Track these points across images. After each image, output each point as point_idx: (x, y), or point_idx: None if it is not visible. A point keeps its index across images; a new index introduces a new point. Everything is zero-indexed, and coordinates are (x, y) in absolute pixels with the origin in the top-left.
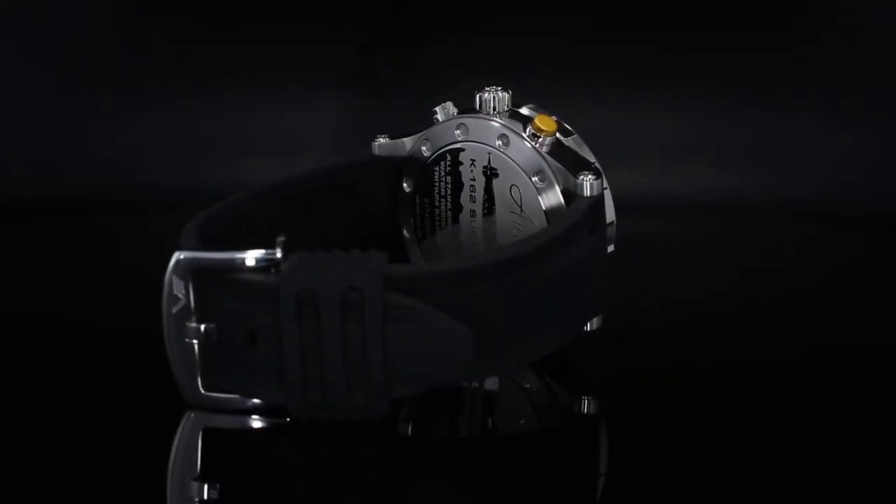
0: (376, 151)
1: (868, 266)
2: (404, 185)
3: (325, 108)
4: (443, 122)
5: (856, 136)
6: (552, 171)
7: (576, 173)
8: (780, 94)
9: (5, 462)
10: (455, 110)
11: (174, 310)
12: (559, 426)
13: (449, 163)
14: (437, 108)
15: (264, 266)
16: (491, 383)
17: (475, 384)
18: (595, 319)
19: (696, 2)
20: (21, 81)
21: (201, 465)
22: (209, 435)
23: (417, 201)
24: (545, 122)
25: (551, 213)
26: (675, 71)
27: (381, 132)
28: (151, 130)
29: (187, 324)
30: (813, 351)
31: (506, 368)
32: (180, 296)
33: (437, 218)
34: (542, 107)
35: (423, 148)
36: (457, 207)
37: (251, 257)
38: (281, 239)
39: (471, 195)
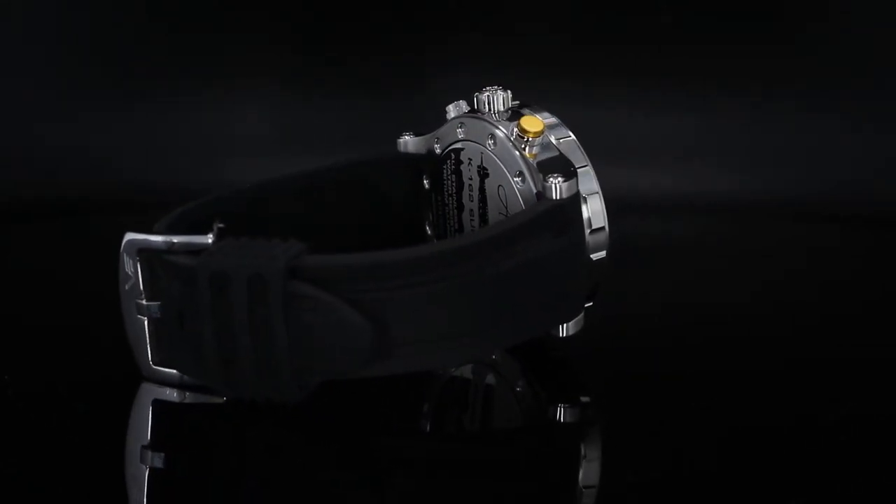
0: (401, 148)
1: (869, 266)
2: (424, 181)
3: (329, 109)
4: (450, 120)
5: (856, 136)
6: (530, 173)
7: (548, 175)
8: (781, 93)
9: None
10: (467, 109)
11: (126, 286)
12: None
13: (453, 161)
14: (449, 107)
15: (195, 250)
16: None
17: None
18: (570, 324)
19: (697, 1)
20: (21, 81)
21: (151, 435)
22: (159, 406)
23: (433, 199)
24: (530, 123)
25: None
26: (675, 70)
27: (384, 132)
28: (152, 130)
29: (137, 301)
30: (815, 352)
31: (417, 367)
32: (131, 274)
33: (448, 216)
34: (545, 106)
35: (436, 146)
36: (460, 206)
37: (182, 241)
38: (217, 225)
39: (469, 194)
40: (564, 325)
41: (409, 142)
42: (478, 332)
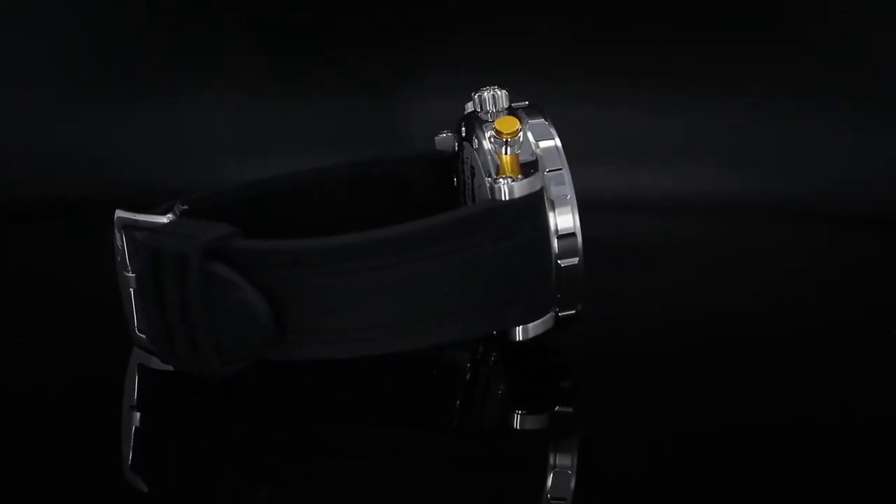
0: (436, 146)
1: (869, 266)
2: (454, 179)
3: (330, 109)
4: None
5: (856, 136)
6: (493, 173)
7: (500, 176)
8: (781, 93)
9: None
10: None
11: (118, 258)
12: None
13: (461, 160)
14: (468, 104)
15: (152, 228)
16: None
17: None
18: (530, 327)
19: (697, 1)
20: (21, 81)
21: (136, 397)
22: (144, 370)
23: (460, 195)
24: (505, 124)
25: None
26: (675, 70)
27: (385, 133)
28: (152, 130)
29: (124, 272)
30: (815, 352)
31: (323, 356)
32: (119, 247)
33: None
34: (546, 106)
35: (455, 144)
36: (465, 204)
37: (144, 219)
38: (179, 206)
39: (464, 194)
40: (520, 328)
41: (441, 139)
42: (393, 326)
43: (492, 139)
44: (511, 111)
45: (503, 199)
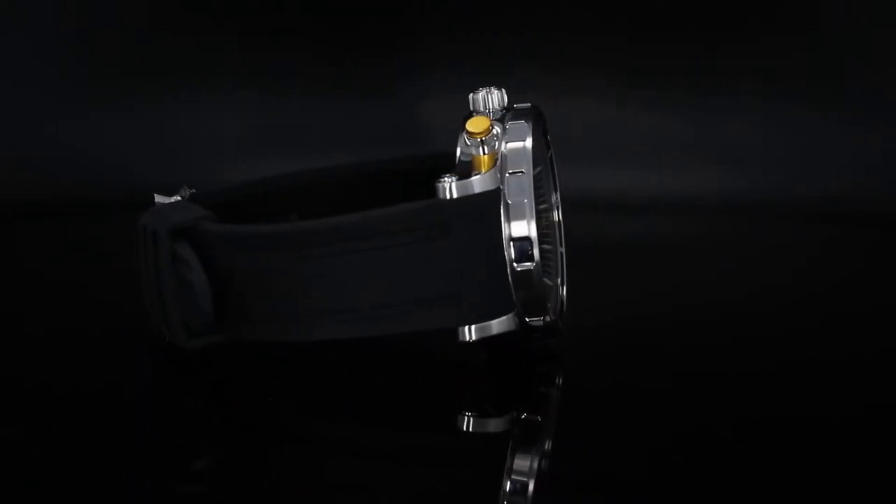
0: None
1: (869, 266)
2: None
3: (330, 109)
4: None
5: (856, 136)
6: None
7: (444, 175)
8: (781, 93)
9: None
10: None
11: None
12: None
13: None
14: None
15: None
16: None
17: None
18: (475, 328)
19: (697, 0)
20: (21, 81)
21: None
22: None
23: None
24: (474, 124)
25: None
26: (674, 70)
27: (385, 133)
28: (152, 130)
29: None
30: (815, 352)
31: (262, 338)
32: None
33: None
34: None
35: None
36: None
37: (157, 199)
38: (186, 189)
39: None
40: (466, 328)
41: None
42: (335, 314)
43: (465, 139)
44: (512, 111)
45: (444, 197)
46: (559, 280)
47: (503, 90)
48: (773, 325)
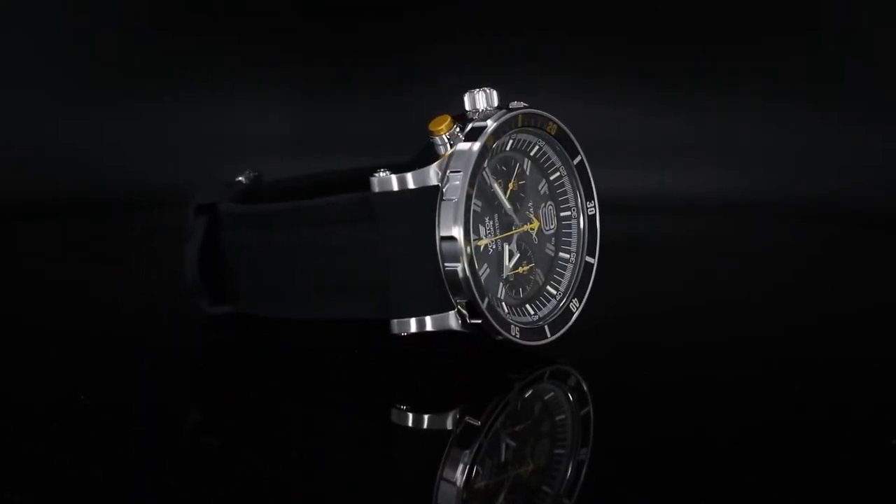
0: None
1: (869, 266)
2: None
3: (331, 109)
4: None
5: (856, 136)
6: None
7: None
8: (781, 93)
9: None
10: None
11: None
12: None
13: None
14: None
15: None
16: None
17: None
18: (410, 322)
19: (697, 0)
20: (21, 82)
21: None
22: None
23: None
24: (434, 124)
25: None
26: (674, 70)
27: (385, 133)
28: (152, 130)
29: None
30: (815, 352)
31: (251, 311)
32: None
33: None
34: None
35: None
36: None
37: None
38: (251, 172)
39: None
40: (396, 321)
41: None
42: (281, 295)
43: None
44: (499, 112)
45: (374, 191)
46: (565, 289)
47: (492, 90)
48: (773, 325)
